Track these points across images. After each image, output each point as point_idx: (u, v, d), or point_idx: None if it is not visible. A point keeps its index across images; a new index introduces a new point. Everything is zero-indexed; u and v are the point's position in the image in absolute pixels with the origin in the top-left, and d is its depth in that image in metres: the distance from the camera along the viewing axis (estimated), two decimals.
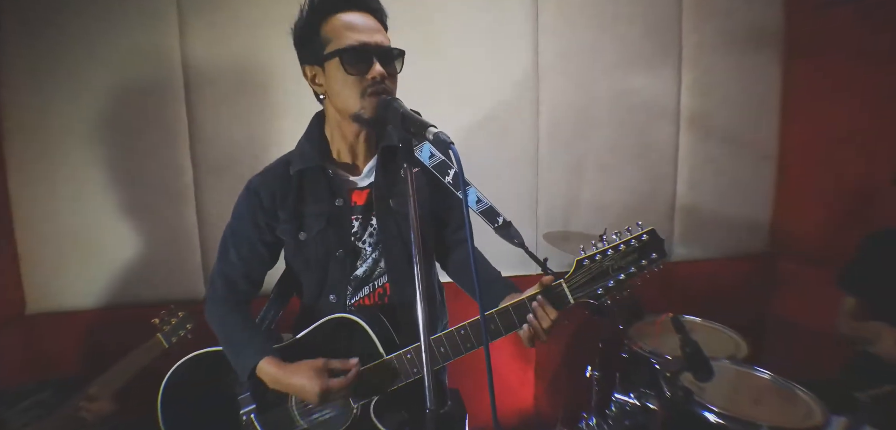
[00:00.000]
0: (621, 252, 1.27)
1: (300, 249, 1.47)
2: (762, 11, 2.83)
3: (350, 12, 1.33)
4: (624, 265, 1.27)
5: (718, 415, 1.60)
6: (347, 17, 1.33)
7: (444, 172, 1.44)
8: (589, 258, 1.28)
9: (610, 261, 1.27)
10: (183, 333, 2.05)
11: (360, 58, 1.30)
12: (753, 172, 2.95)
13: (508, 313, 1.32)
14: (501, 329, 1.32)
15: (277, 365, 1.37)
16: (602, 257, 1.27)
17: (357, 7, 1.34)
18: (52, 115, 2.24)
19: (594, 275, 1.28)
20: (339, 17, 1.33)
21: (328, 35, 1.33)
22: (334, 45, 1.32)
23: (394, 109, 1.18)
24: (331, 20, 1.33)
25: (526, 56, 2.61)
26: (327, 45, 1.33)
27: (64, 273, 2.34)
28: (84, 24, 2.23)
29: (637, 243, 1.27)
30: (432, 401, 1.02)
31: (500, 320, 1.32)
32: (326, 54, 1.33)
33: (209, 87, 2.34)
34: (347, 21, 1.32)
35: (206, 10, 2.31)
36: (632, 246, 1.27)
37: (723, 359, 1.99)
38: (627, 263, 1.27)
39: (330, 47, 1.32)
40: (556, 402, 2.84)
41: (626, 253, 1.27)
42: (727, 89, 2.84)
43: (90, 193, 2.31)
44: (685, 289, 2.86)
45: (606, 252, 1.27)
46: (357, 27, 1.32)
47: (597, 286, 1.28)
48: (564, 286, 1.29)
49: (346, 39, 1.31)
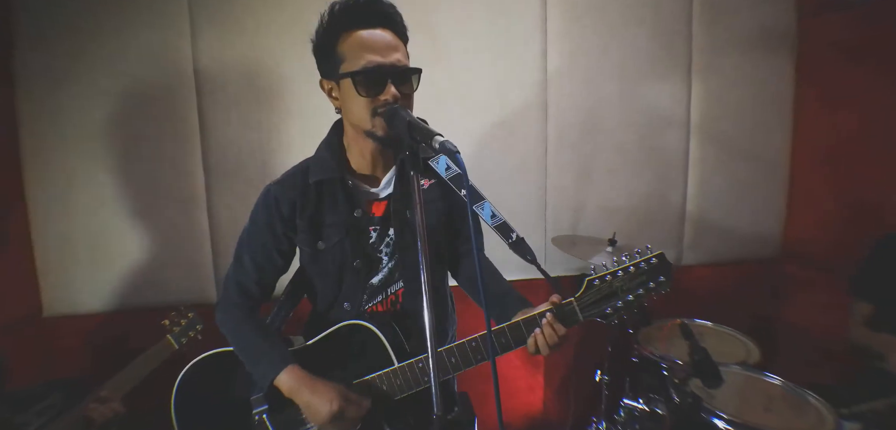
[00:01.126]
0: (631, 274, 1.30)
1: (317, 257, 1.48)
2: (773, 16, 2.81)
3: (368, 29, 1.31)
4: (632, 287, 1.30)
5: (728, 422, 1.59)
6: (364, 34, 1.31)
7: (461, 185, 1.44)
8: (599, 278, 1.31)
9: (619, 282, 1.30)
10: (193, 334, 2.07)
11: (374, 80, 1.29)
12: (764, 177, 2.92)
13: (519, 327, 1.33)
14: (512, 343, 1.34)
15: (298, 378, 1.39)
16: (612, 278, 1.30)
17: (375, 23, 1.32)
18: (66, 122, 2.29)
19: (604, 295, 1.31)
20: (356, 35, 1.31)
21: (344, 53, 1.32)
22: (348, 66, 1.31)
23: (400, 118, 1.18)
24: (348, 37, 1.32)
25: (534, 62, 2.61)
26: (342, 63, 1.33)
27: (79, 277, 2.38)
28: (97, 31, 2.27)
29: (646, 265, 1.30)
30: (439, 406, 1.03)
31: (510, 334, 1.34)
32: (341, 74, 1.33)
33: (220, 92, 2.37)
34: (364, 39, 1.31)
35: (217, 17, 2.34)
36: (641, 268, 1.30)
37: (733, 365, 1.97)
38: (636, 284, 1.30)
39: (344, 67, 1.32)
40: (566, 406, 2.84)
41: (636, 275, 1.30)
42: (738, 92, 2.81)
43: (104, 198, 2.35)
44: (695, 293, 2.85)
45: (617, 273, 1.30)
46: (373, 46, 1.30)
47: (605, 306, 1.31)
48: (575, 305, 1.32)
49: (360, 60, 1.29)
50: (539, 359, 2.82)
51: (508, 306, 1.42)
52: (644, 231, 2.79)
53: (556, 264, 2.66)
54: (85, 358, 2.40)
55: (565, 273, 2.72)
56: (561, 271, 2.72)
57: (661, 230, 2.85)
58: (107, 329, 2.41)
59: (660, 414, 1.76)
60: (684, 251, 2.91)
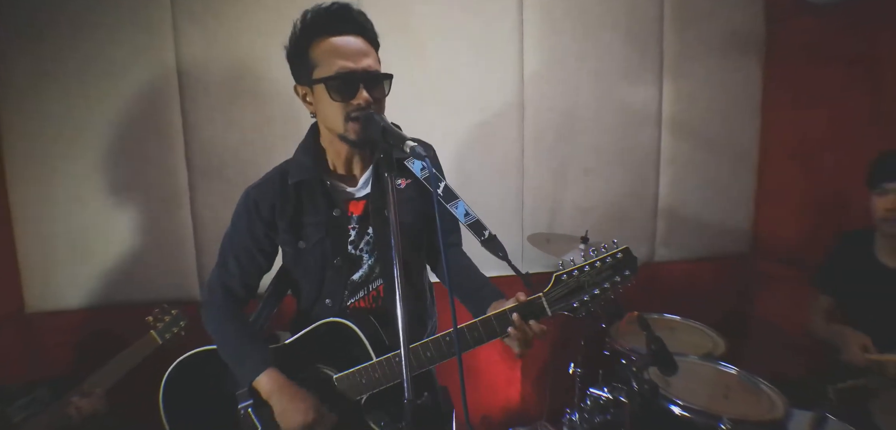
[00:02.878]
0: (597, 269, 1.33)
1: (299, 257, 1.53)
2: (742, 18, 2.90)
3: (339, 36, 1.35)
4: (599, 281, 1.33)
5: (683, 408, 1.69)
6: (336, 41, 1.35)
7: (435, 184, 1.47)
8: (567, 273, 1.34)
9: (586, 277, 1.33)
10: (176, 330, 2.11)
11: (346, 85, 1.34)
12: (734, 175, 3.03)
13: (490, 321, 1.36)
14: (483, 336, 1.37)
15: (276, 383, 1.44)
16: (579, 273, 1.33)
17: (346, 30, 1.36)
18: (49, 120, 2.30)
19: (571, 289, 1.33)
20: (327, 41, 1.35)
21: (316, 59, 1.36)
22: (321, 72, 1.36)
23: (375, 123, 1.24)
24: (319, 43, 1.36)
25: (512, 63, 2.68)
26: (315, 69, 1.37)
27: (61, 273, 2.40)
28: (81, 31, 2.29)
29: (612, 260, 1.32)
30: (410, 392, 1.10)
31: (482, 329, 1.36)
32: (314, 79, 1.37)
33: (203, 93, 2.41)
34: (335, 45, 1.35)
35: (200, 18, 2.37)
36: (607, 263, 1.32)
37: (691, 356, 2.08)
38: (602, 278, 1.32)
39: (317, 73, 1.36)
40: (542, 399, 2.93)
41: (602, 270, 1.32)
42: (708, 94, 2.91)
43: (87, 196, 2.37)
44: (667, 289, 2.96)
45: (583, 268, 1.33)
46: (344, 52, 1.34)
47: (573, 300, 1.34)
48: (543, 300, 1.35)
49: (332, 66, 1.34)
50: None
51: (484, 300, 1.47)
52: (618, 228, 2.87)
53: (533, 260, 2.74)
54: (68, 354, 2.41)
55: (543, 269, 2.79)
56: (539, 267, 2.79)
57: (634, 227, 2.94)
58: (89, 325, 2.43)
59: (622, 402, 1.85)
60: (657, 248, 3.00)
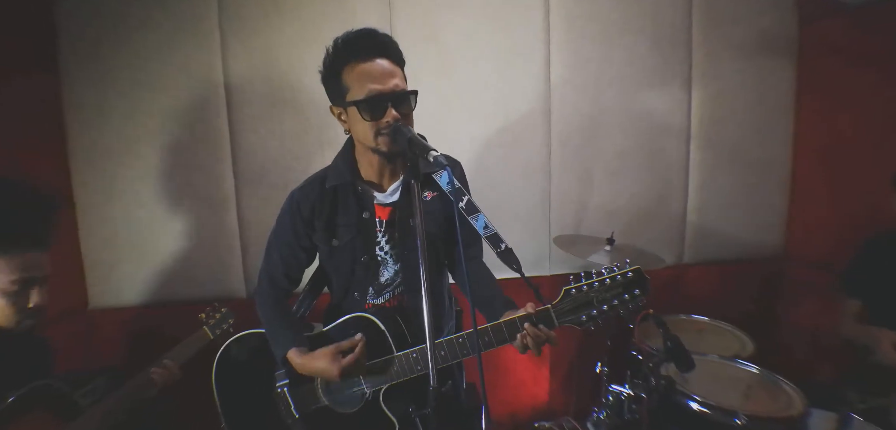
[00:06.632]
0: (607, 285, 1.37)
1: (332, 253, 1.69)
2: (773, 20, 2.86)
3: (368, 61, 1.47)
4: (607, 298, 1.37)
5: (701, 404, 1.74)
6: (365, 66, 1.47)
7: (460, 198, 1.58)
8: (576, 288, 1.40)
9: (595, 293, 1.38)
10: (226, 326, 2.25)
11: (375, 106, 1.45)
12: (764, 178, 2.98)
13: (501, 328, 1.45)
14: (494, 341, 1.45)
15: (301, 355, 1.61)
16: (588, 289, 1.38)
17: (374, 54, 1.48)
18: (109, 133, 2.51)
19: (579, 304, 1.39)
20: (358, 67, 1.47)
21: (348, 83, 1.49)
22: (353, 95, 1.49)
23: (402, 134, 1.38)
24: (351, 69, 1.48)
25: (538, 71, 2.73)
26: (347, 92, 1.50)
27: (121, 272, 2.61)
28: (136, 49, 2.48)
29: (622, 278, 1.37)
30: (435, 380, 1.21)
31: (494, 334, 1.45)
32: (347, 102, 1.50)
33: (248, 106, 2.58)
34: (364, 70, 1.46)
35: (245, 37, 2.54)
36: (617, 281, 1.38)
37: (712, 355, 2.12)
38: (611, 295, 1.37)
39: (349, 96, 1.50)
40: (569, 396, 2.98)
41: (611, 287, 1.37)
42: (738, 97, 2.88)
43: (143, 201, 2.57)
44: (696, 291, 2.96)
45: (593, 284, 1.38)
46: (373, 75, 1.46)
47: (581, 314, 1.39)
48: (552, 312, 1.42)
49: (363, 90, 1.46)
50: (544, 353, 2.96)
51: (497, 308, 1.56)
52: (645, 231, 2.89)
53: (561, 261, 2.81)
54: (123, 348, 2.62)
55: (570, 270, 2.85)
56: (566, 268, 2.86)
57: (662, 230, 2.95)
58: (144, 321, 2.63)
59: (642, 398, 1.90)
60: (685, 251, 3.00)
